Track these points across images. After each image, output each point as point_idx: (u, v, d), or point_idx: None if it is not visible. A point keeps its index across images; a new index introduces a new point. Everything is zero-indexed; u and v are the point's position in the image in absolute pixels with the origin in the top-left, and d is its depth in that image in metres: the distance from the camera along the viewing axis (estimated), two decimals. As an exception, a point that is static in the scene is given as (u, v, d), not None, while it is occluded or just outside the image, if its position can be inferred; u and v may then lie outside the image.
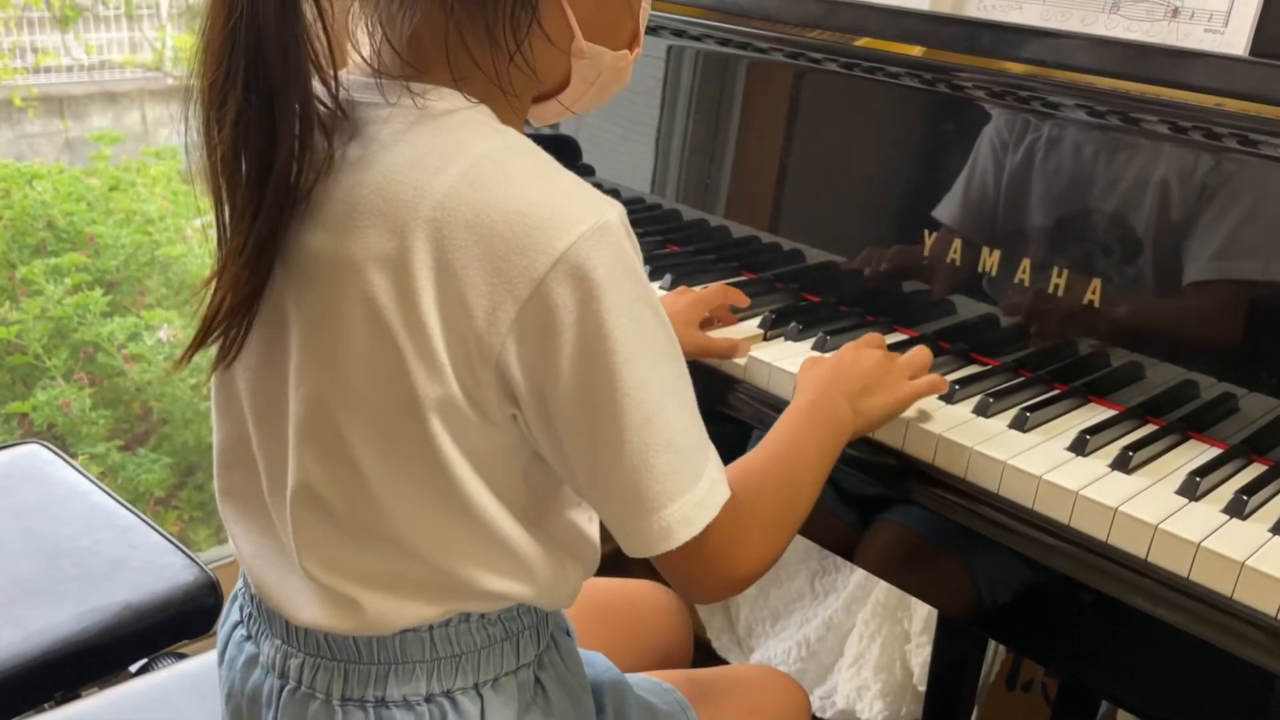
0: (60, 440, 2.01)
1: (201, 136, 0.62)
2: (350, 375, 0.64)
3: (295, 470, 0.67)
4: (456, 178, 0.61)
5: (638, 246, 0.64)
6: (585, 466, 0.65)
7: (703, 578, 0.70)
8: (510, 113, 0.69)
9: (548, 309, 0.60)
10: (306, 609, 0.70)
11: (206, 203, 0.65)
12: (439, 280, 0.61)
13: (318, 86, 0.63)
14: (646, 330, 0.63)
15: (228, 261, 0.64)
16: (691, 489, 0.65)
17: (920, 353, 0.92)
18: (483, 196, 0.60)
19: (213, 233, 0.65)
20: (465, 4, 0.64)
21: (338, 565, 0.69)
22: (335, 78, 0.64)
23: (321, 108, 0.64)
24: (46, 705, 1.08)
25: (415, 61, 0.66)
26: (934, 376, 0.91)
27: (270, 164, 0.61)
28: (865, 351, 0.89)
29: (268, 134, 0.61)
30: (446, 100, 0.65)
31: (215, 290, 0.65)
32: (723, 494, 0.67)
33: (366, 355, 0.63)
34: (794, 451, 0.78)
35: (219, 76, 0.60)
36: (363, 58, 0.69)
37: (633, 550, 0.67)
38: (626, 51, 0.72)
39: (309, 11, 0.61)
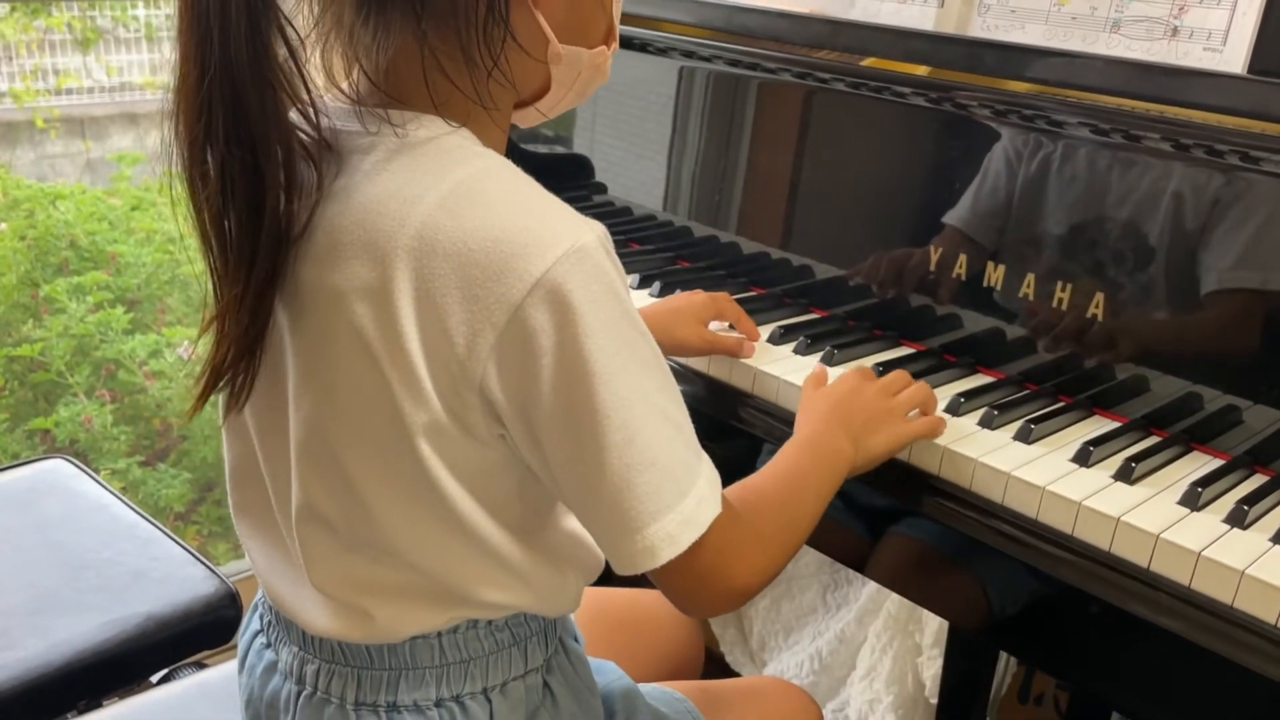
0: (82, 456, 2.04)
1: (185, 188, 0.63)
2: (342, 401, 0.65)
3: (298, 489, 0.69)
4: (434, 206, 0.61)
5: (619, 265, 0.64)
6: (571, 485, 0.66)
7: (695, 591, 0.70)
8: (493, 127, 0.69)
9: (526, 334, 0.61)
10: (320, 619, 0.72)
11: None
12: (419, 309, 0.61)
13: (296, 118, 0.63)
14: (628, 349, 0.63)
15: (228, 310, 0.64)
16: (676, 506, 0.65)
17: (920, 389, 0.92)
18: (459, 224, 0.61)
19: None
20: (438, 29, 0.64)
21: (345, 579, 0.70)
22: (314, 109, 0.64)
23: (305, 138, 0.64)
24: (69, 715, 1.10)
25: (393, 90, 0.66)
26: (934, 418, 0.91)
27: (260, 210, 0.62)
28: (866, 385, 0.90)
29: (255, 181, 0.61)
30: (426, 128, 0.65)
31: (219, 339, 0.65)
32: (711, 511, 0.67)
33: (355, 382, 0.64)
34: (794, 481, 0.79)
35: (199, 132, 0.60)
36: (340, 88, 0.69)
37: (620, 568, 0.67)
38: (604, 48, 0.72)
39: (280, 51, 0.61)
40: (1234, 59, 0.89)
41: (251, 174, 0.61)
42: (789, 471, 0.80)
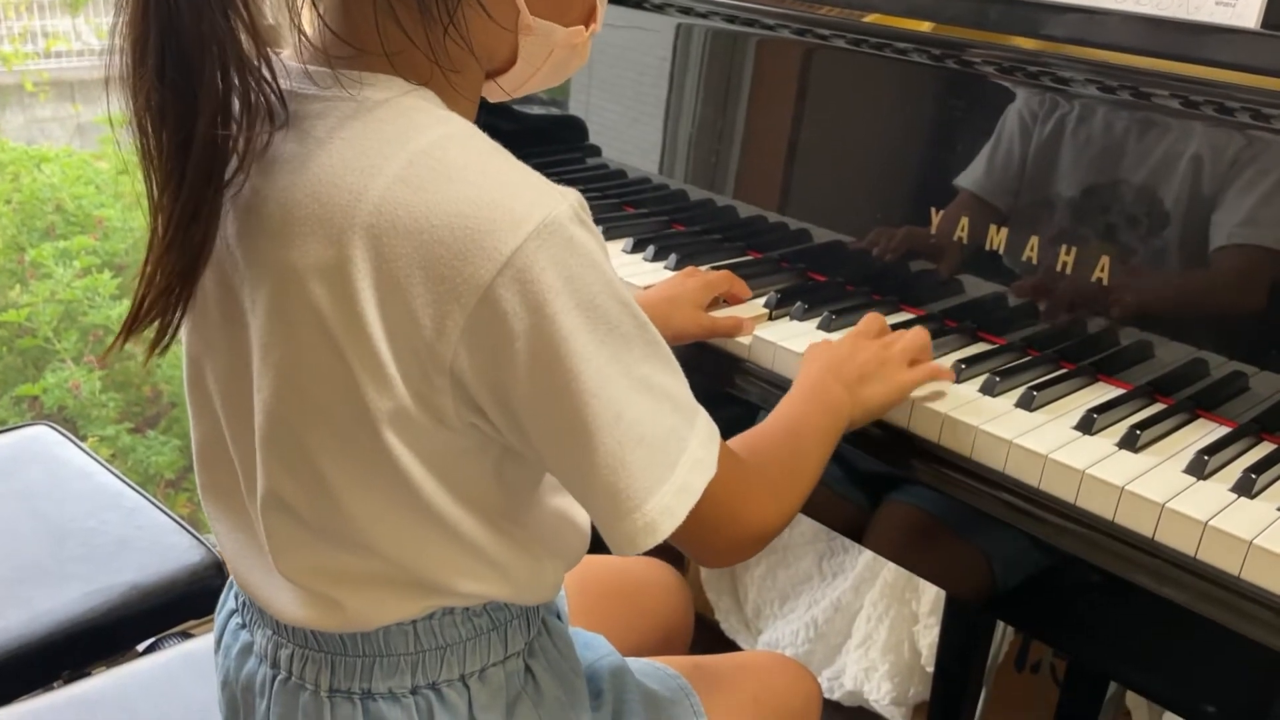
0: (71, 423, 2.02)
1: (130, 109, 0.59)
2: (304, 385, 0.62)
3: (263, 477, 0.66)
4: (393, 179, 0.58)
5: (597, 233, 0.61)
6: (562, 468, 0.63)
7: (709, 542, 0.69)
8: (456, 95, 0.65)
9: (497, 316, 0.57)
10: (290, 607, 0.69)
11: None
12: (380, 291, 0.58)
13: (248, 55, 0.59)
14: (608, 322, 0.60)
15: (152, 245, 0.61)
16: (669, 478, 0.63)
17: (918, 335, 0.91)
18: (421, 199, 0.57)
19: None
20: None
21: (313, 568, 0.68)
22: (263, 52, 0.60)
23: (254, 85, 0.59)
24: (54, 684, 1.09)
25: (348, 37, 0.62)
26: (934, 365, 0.90)
27: (190, 135, 0.58)
28: (863, 341, 0.89)
29: (187, 105, 0.57)
30: (383, 88, 0.61)
31: (144, 273, 0.62)
32: (705, 474, 0.65)
33: (316, 366, 0.60)
34: (796, 429, 0.78)
35: (136, 45, 0.57)
36: (298, 36, 0.64)
37: (621, 551, 0.64)
38: (581, 28, 0.68)
39: None
40: (1247, 14, 0.86)
41: (186, 97, 0.57)
42: (790, 418, 0.79)
